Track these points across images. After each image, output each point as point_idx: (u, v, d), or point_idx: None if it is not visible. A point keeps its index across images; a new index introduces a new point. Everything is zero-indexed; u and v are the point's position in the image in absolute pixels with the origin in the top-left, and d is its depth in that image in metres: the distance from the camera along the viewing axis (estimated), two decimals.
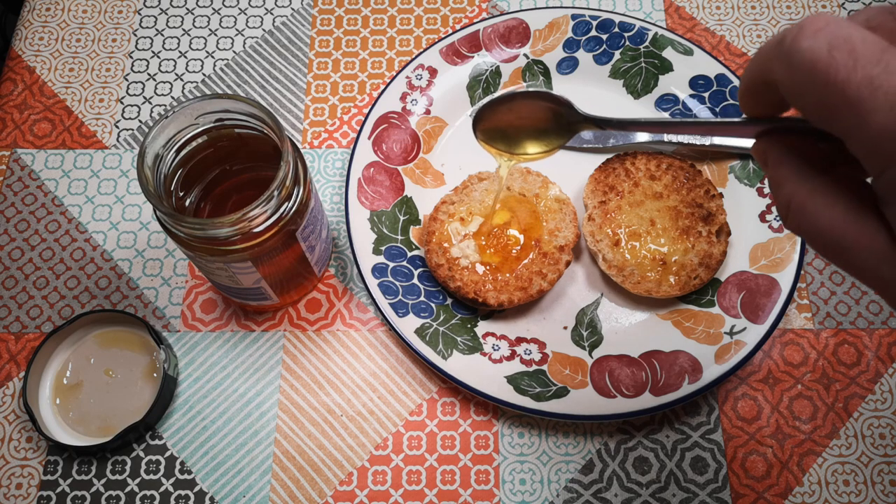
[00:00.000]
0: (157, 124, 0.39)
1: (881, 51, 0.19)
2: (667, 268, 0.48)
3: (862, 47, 0.19)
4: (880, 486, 0.46)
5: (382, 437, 0.48)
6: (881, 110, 0.19)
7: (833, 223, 0.23)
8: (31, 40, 0.61)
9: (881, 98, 0.19)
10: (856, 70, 0.19)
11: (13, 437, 0.48)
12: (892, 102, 0.19)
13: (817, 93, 0.20)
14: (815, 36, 0.20)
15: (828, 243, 0.23)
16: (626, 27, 0.57)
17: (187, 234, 0.39)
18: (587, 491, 0.46)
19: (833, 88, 0.20)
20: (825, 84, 0.20)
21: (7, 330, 0.51)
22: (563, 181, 0.52)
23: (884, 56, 0.19)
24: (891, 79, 0.19)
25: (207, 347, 0.50)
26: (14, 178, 0.56)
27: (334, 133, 0.57)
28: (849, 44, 0.19)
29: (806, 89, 0.21)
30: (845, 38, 0.20)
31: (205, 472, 0.47)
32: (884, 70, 0.19)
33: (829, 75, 0.20)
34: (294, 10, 0.62)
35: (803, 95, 0.21)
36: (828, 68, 0.20)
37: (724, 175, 0.54)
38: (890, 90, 0.19)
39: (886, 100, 0.19)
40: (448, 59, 0.57)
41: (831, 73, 0.20)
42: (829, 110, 0.20)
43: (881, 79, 0.19)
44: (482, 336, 0.49)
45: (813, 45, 0.20)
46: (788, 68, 0.21)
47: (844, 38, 0.20)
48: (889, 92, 0.19)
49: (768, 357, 0.50)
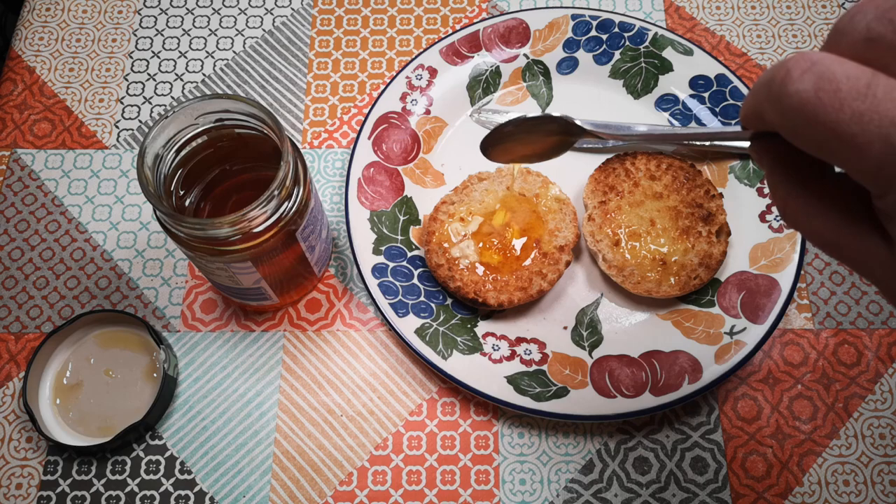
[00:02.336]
0: (157, 124, 0.39)
1: (866, 85, 0.19)
2: (667, 268, 0.48)
3: (846, 85, 0.20)
4: (880, 486, 0.46)
5: (382, 437, 0.48)
6: (875, 142, 0.19)
7: (827, 229, 0.24)
8: (31, 40, 0.61)
9: (873, 131, 0.19)
10: (843, 109, 0.20)
11: (13, 437, 0.48)
12: (883, 134, 0.19)
13: (811, 134, 0.21)
14: (802, 79, 0.20)
15: (824, 245, 0.24)
16: (626, 27, 0.57)
17: (187, 234, 0.39)
18: (587, 491, 0.46)
19: (825, 128, 0.20)
20: (817, 125, 0.20)
21: (7, 330, 0.51)
22: (563, 181, 0.52)
23: (869, 89, 0.19)
24: (879, 109, 0.19)
25: (207, 347, 0.50)
26: (14, 178, 0.56)
27: (334, 133, 0.57)
28: (833, 84, 0.20)
29: (800, 131, 0.21)
30: (829, 78, 0.20)
31: (205, 472, 0.47)
32: (870, 104, 0.19)
33: (820, 117, 0.20)
34: (294, 10, 0.62)
35: (799, 136, 0.22)
36: (817, 110, 0.20)
37: (724, 175, 0.54)
38: (880, 122, 0.19)
39: (879, 132, 0.19)
40: (448, 59, 0.57)
41: (821, 115, 0.20)
42: (825, 148, 0.21)
43: (869, 114, 0.19)
44: (482, 336, 0.49)
45: (800, 89, 0.20)
46: (780, 113, 0.21)
47: (829, 78, 0.20)
48: (880, 124, 0.19)
49: (768, 357, 0.50)
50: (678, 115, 0.55)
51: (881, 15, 0.20)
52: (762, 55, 0.59)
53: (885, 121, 0.19)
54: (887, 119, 0.19)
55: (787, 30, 0.60)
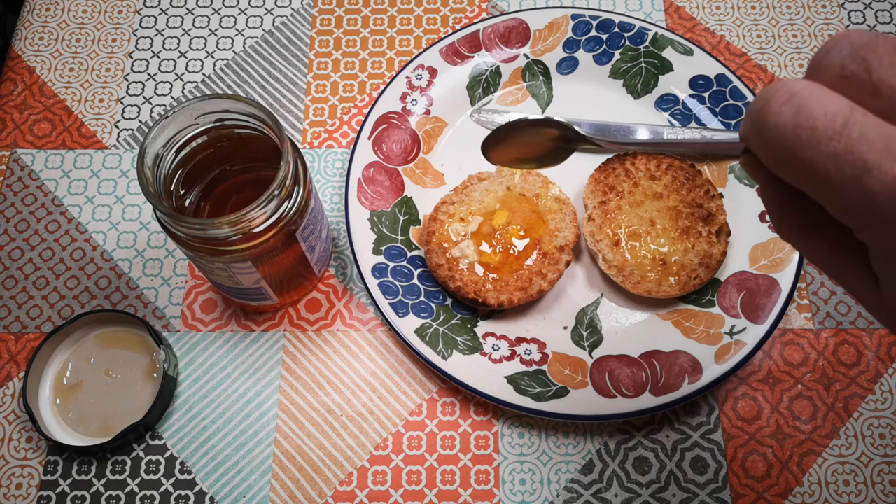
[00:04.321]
0: (157, 124, 0.39)
1: (842, 124, 0.19)
2: (667, 268, 0.48)
3: (822, 122, 0.19)
4: (880, 486, 0.46)
5: (382, 437, 0.48)
6: (849, 184, 0.19)
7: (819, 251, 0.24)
8: (31, 40, 0.61)
9: (847, 171, 0.19)
10: (819, 148, 0.19)
11: (13, 437, 0.48)
12: (856, 176, 0.19)
13: (789, 168, 0.21)
14: (780, 112, 0.20)
15: (817, 264, 0.25)
16: (626, 27, 0.57)
17: (187, 234, 0.39)
18: (587, 491, 0.46)
19: (803, 165, 0.20)
20: (794, 161, 0.20)
21: (7, 330, 0.51)
22: (563, 181, 0.52)
23: (844, 129, 0.19)
24: (853, 150, 0.19)
25: (207, 347, 0.50)
26: (14, 178, 0.56)
27: (334, 133, 0.57)
28: (810, 120, 0.20)
29: (779, 164, 0.21)
30: (807, 113, 0.20)
31: (205, 472, 0.47)
32: (846, 145, 0.19)
33: (797, 153, 0.20)
34: (294, 10, 0.62)
35: (777, 169, 0.22)
36: (794, 146, 0.20)
37: (724, 175, 0.54)
38: (854, 164, 0.19)
39: (852, 174, 0.19)
40: (448, 59, 0.57)
41: (798, 152, 0.20)
42: (802, 183, 0.21)
43: (843, 155, 0.19)
44: (482, 336, 0.49)
45: (778, 122, 0.20)
46: (760, 145, 0.21)
47: (807, 114, 0.20)
48: (853, 166, 0.19)
49: (768, 357, 0.50)
50: (678, 115, 0.55)
51: (854, 52, 0.20)
52: (762, 55, 0.59)
53: (858, 163, 0.19)
54: (861, 161, 0.19)
55: (787, 30, 0.60)
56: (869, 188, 0.19)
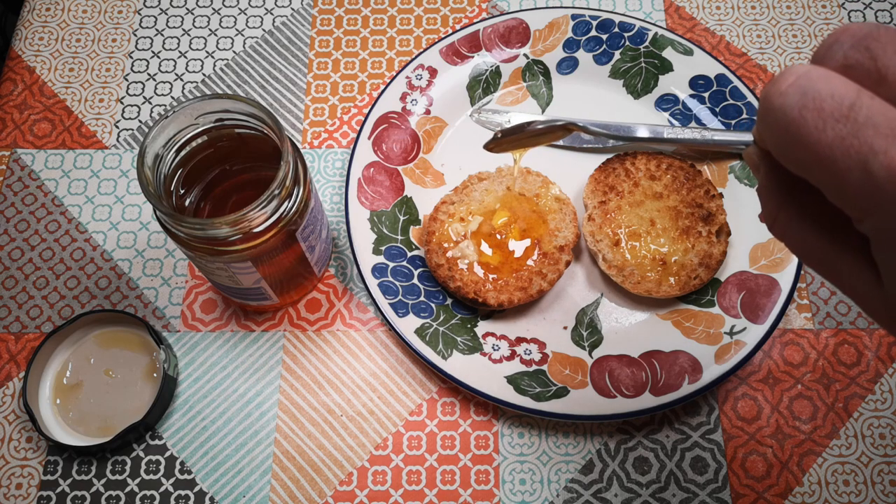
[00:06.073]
0: (157, 124, 0.39)
1: (849, 106, 0.19)
2: (667, 268, 0.48)
3: (829, 104, 0.19)
4: (880, 486, 0.46)
5: (382, 437, 0.48)
6: (854, 169, 0.19)
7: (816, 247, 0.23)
8: (31, 40, 0.61)
9: (853, 156, 0.19)
10: (825, 131, 0.19)
11: (13, 437, 0.48)
12: (862, 162, 0.18)
13: (793, 152, 0.20)
14: (786, 94, 0.20)
15: (812, 261, 0.24)
16: (626, 27, 0.57)
17: (187, 234, 0.39)
18: (587, 491, 0.46)
19: (807, 149, 0.20)
20: (798, 144, 0.20)
21: (7, 330, 0.51)
22: (563, 181, 0.52)
23: (851, 112, 0.19)
24: (859, 135, 0.19)
25: (207, 347, 0.50)
26: (14, 178, 0.56)
27: (334, 133, 0.57)
28: (816, 102, 0.19)
29: (783, 149, 0.21)
30: (814, 95, 0.19)
31: (205, 472, 0.47)
32: (852, 128, 0.19)
33: (802, 136, 0.20)
34: (294, 10, 0.62)
35: (782, 155, 0.21)
36: (799, 129, 0.20)
37: (724, 175, 0.54)
38: (860, 148, 0.18)
39: (858, 158, 0.19)
40: (448, 59, 0.57)
41: (803, 135, 0.20)
42: (806, 168, 0.20)
43: (849, 139, 0.19)
44: (482, 336, 0.49)
45: (784, 104, 0.20)
46: (766, 128, 0.21)
47: (813, 95, 0.19)
48: (859, 150, 0.19)
49: (768, 357, 0.50)
50: (678, 115, 0.55)
51: (857, 43, 0.20)
52: (762, 55, 0.59)
53: (864, 147, 0.18)
54: (867, 145, 0.18)
55: (787, 30, 0.60)
56: (874, 173, 0.18)
